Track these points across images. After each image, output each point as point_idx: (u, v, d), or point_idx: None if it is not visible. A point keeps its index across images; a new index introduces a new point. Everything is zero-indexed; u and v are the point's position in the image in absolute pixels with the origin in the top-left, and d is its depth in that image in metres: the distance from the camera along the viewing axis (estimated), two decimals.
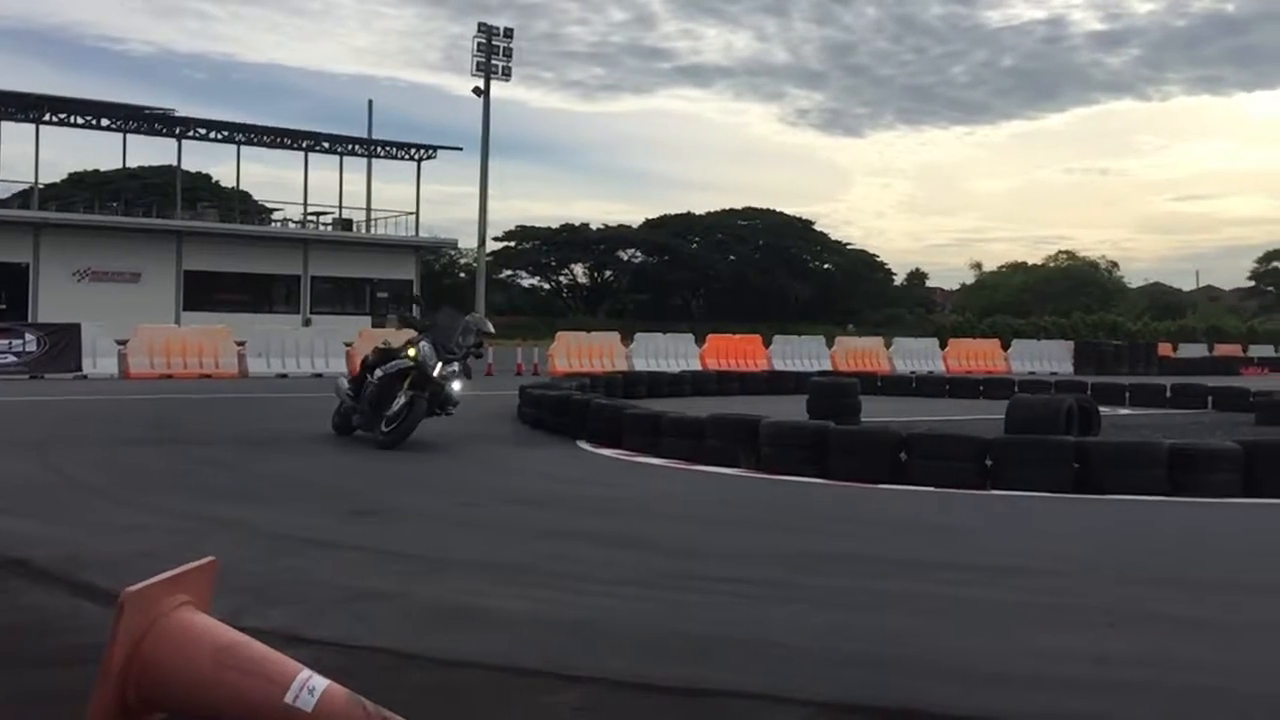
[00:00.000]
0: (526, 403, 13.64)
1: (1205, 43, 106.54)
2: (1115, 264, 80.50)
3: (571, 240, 74.12)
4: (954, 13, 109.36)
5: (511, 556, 5.71)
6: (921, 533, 6.83)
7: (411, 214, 49.32)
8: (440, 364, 10.35)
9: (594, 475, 9.09)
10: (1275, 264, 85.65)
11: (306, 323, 41.26)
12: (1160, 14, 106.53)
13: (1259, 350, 45.22)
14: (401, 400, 10.18)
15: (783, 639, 4.19)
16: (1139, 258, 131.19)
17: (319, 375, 22.35)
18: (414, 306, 14.54)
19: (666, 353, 27.26)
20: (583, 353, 25.97)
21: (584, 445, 10.94)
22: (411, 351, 10.37)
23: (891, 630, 4.38)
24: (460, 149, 51.78)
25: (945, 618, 4.64)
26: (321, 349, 23.85)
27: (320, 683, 2.69)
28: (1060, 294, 66.02)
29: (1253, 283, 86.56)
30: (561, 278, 77.90)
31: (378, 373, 10.46)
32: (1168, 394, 19.71)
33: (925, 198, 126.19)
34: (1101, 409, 12.70)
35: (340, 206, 49.23)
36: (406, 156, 50.64)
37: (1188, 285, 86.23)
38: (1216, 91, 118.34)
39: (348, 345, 24.02)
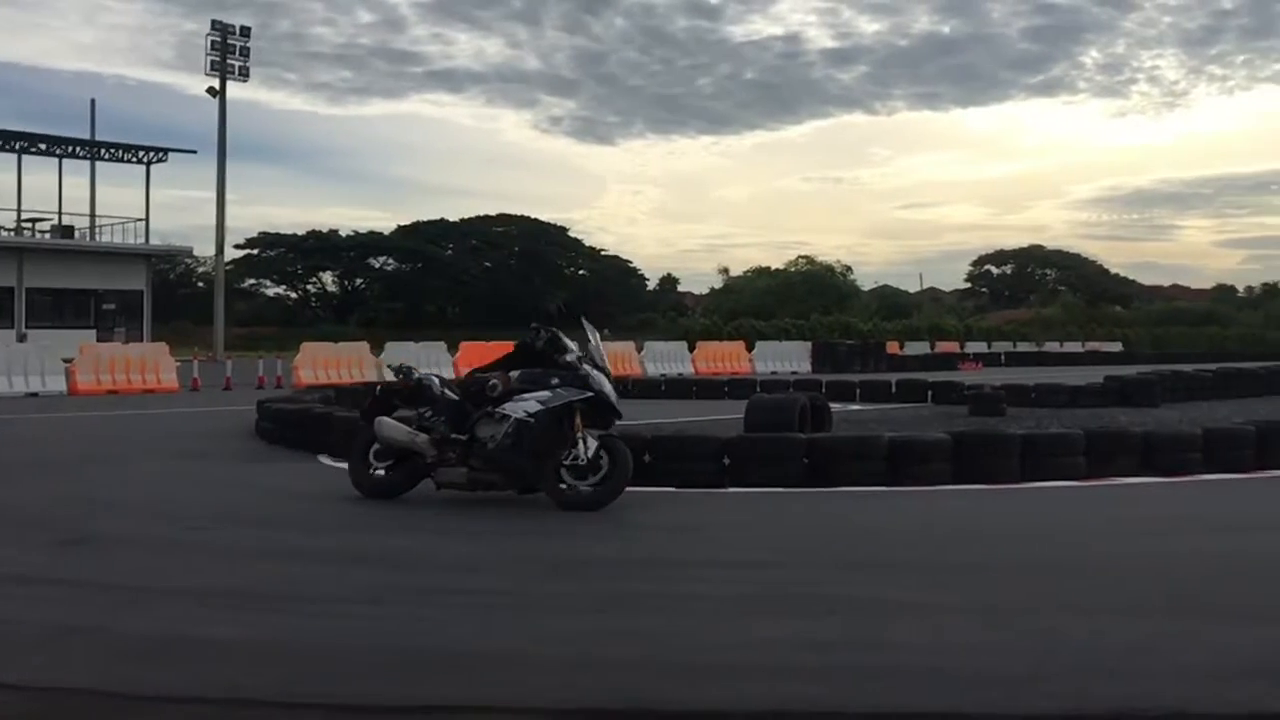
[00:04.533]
0: (265, 417, 13.04)
1: (925, 62, 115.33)
2: (849, 268, 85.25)
3: (319, 247, 71.69)
4: (699, 26, 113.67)
5: (236, 581, 5.41)
6: (659, 532, 6.97)
7: (141, 220, 46.31)
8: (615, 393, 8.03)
9: (331, 491, 8.76)
10: (988, 267, 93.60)
11: (21, 338, 37.89)
12: (885, 34, 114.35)
13: (974, 346, 49.16)
14: (592, 445, 7.52)
15: (515, 648, 4.17)
16: (870, 261, 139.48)
17: (34, 394, 20.62)
18: (556, 312, 10.14)
19: (419, 362, 26.31)
20: (330, 364, 25.10)
21: (325, 460, 10.55)
22: (588, 374, 7.79)
23: (624, 631, 4.44)
24: (194, 151, 49.21)
25: (676, 614, 4.75)
26: (38, 366, 21.94)
27: None
28: (800, 297, 69.31)
29: (969, 284, 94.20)
30: (310, 286, 75.26)
31: (534, 405, 7.59)
32: (893, 389, 21.07)
33: (675, 205, 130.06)
34: (834, 405, 13.43)
35: (60, 212, 45.64)
36: (135, 159, 47.44)
37: (913, 287, 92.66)
38: (935, 107, 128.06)
39: (67, 361, 22.25)
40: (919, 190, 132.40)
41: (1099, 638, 4.36)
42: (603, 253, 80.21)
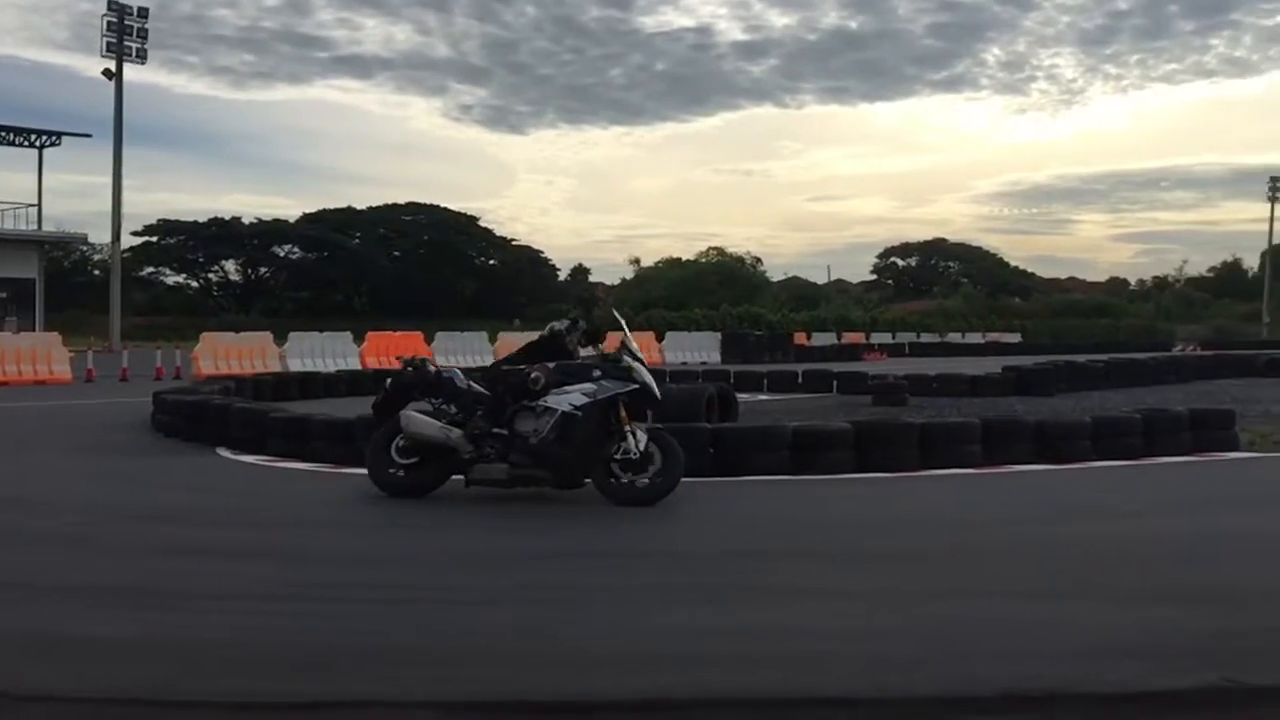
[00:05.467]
0: (162, 409, 12.68)
1: (833, 56, 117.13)
2: (759, 259, 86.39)
3: (221, 235, 69.83)
4: (610, 16, 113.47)
5: (125, 578, 5.27)
6: (563, 525, 6.94)
7: (34, 206, 44.51)
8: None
9: (230, 484, 8.59)
10: (894, 259, 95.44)
11: None
12: (794, 28, 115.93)
13: (879, 337, 50.16)
14: (642, 438, 7.35)
15: (406, 642, 4.13)
16: (780, 253, 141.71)
17: None
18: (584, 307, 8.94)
19: (324, 352, 26.28)
20: (231, 354, 24.50)
21: (224, 453, 10.31)
22: (631, 365, 7.57)
23: (515, 623, 4.42)
24: (89, 135, 47.55)
25: (568, 606, 4.75)
26: None
27: None
28: (711, 288, 69.89)
29: (875, 276, 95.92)
30: (211, 275, 73.30)
31: (579, 398, 7.35)
32: (800, 380, 21.35)
33: (587, 195, 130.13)
34: (742, 396, 13.56)
35: None
36: (26, 143, 45.59)
37: (821, 279, 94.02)
38: (844, 101, 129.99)
39: None
40: (827, 183, 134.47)
41: (987, 621, 4.48)
42: (513, 243, 79.71)
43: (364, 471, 8.14)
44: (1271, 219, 73.31)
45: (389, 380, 8.04)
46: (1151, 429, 10.23)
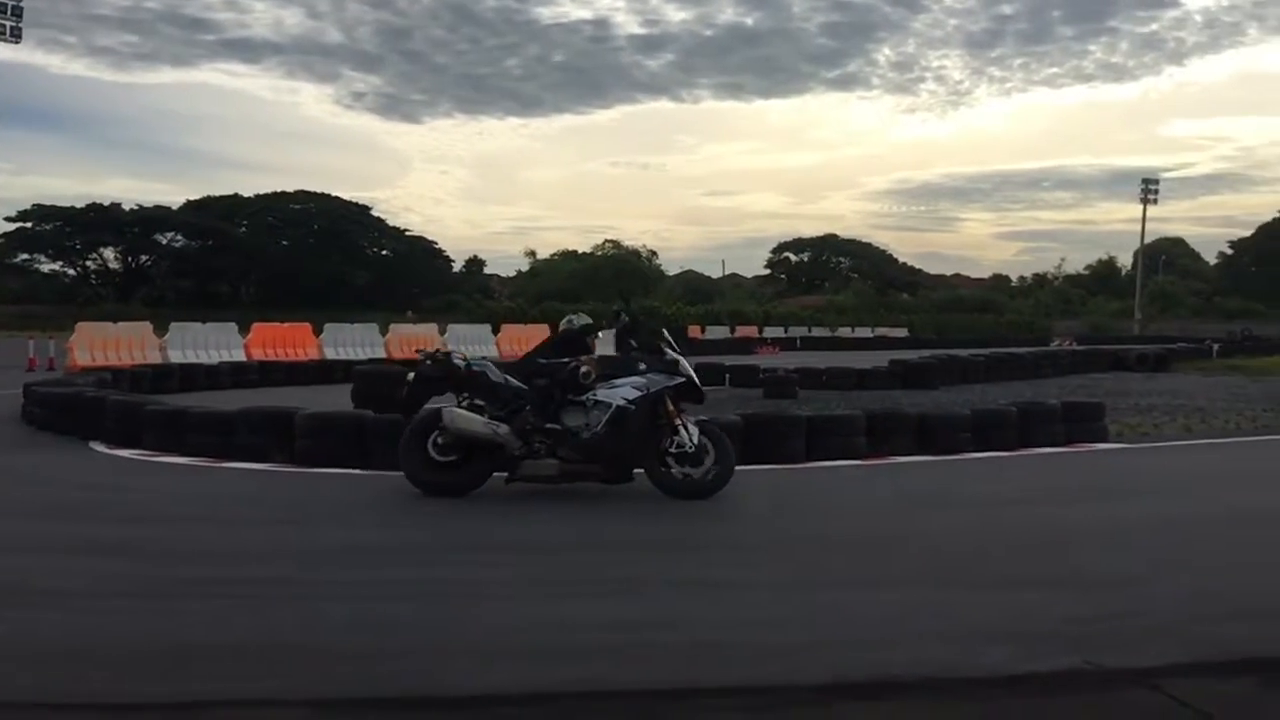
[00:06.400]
0: (32, 402, 12.17)
1: (729, 52, 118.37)
2: (655, 253, 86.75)
3: (100, 221, 67.28)
4: (507, 6, 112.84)
5: None
6: (439, 517, 6.84)
7: None
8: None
9: (103, 479, 8.28)
10: (787, 254, 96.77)
11: None
12: (691, 23, 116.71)
13: (772, 331, 50.85)
14: (694, 431, 7.43)
15: (287, 639, 4.05)
16: (676, 247, 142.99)
17: None
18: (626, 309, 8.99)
19: (207, 343, 25.47)
20: (108, 345, 23.56)
21: (98, 447, 9.94)
22: (677, 359, 7.67)
23: (406, 618, 4.36)
24: None
25: (463, 599, 4.71)
26: None
27: None
28: (606, 281, 69.95)
29: (769, 271, 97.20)
30: (89, 262, 70.50)
31: (630, 391, 7.38)
32: None
33: (483, 186, 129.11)
34: None
35: None
36: None
37: (716, 273, 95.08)
38: (739, 97, 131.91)
39: None
40: (723, 178, 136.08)
41: (868, 609, 4.61)
42: (407, 233, 78.64)
43: (245, 466, 7.99)
44: (1144, 220, 76.68)
45: (411, 375, 7.77)
46: (1027, 421, 10.60)
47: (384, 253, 76.42)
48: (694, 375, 7.66)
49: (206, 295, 64.81)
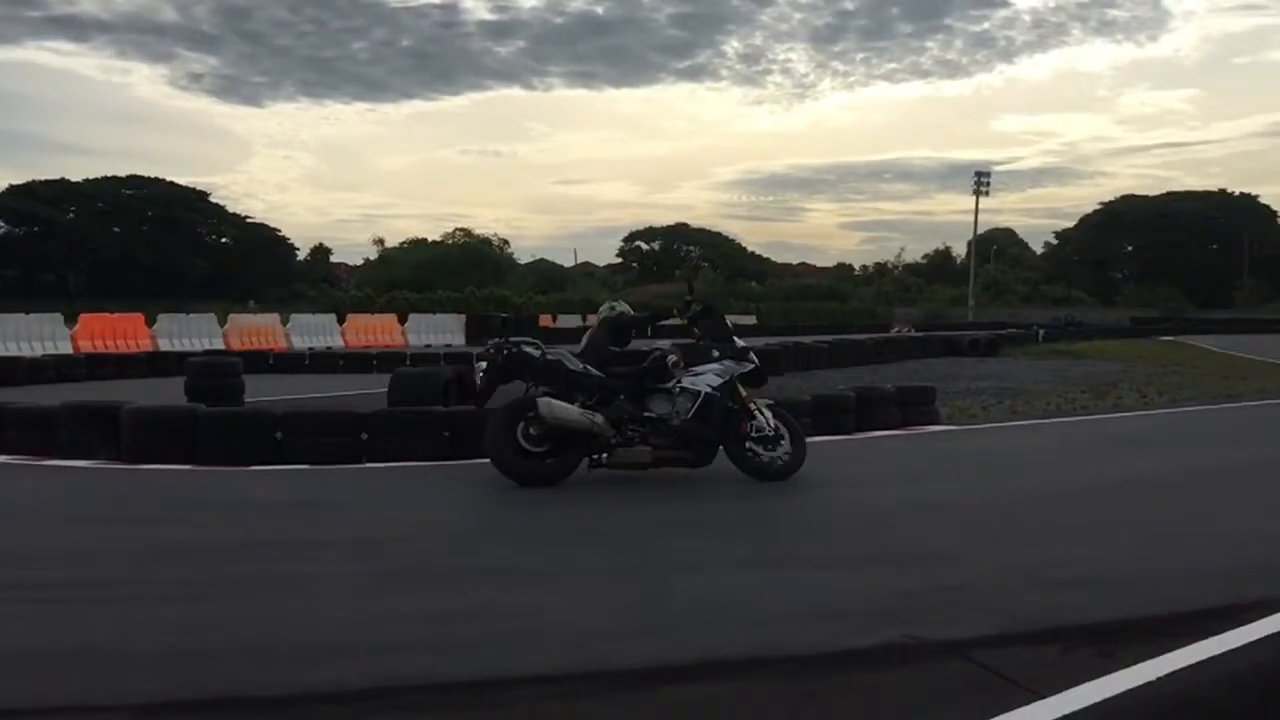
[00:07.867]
0: None
1: (580, 41, 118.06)
2: (506, 241, 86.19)
3: None
4: None
5: None
6: (283, 512, 6.73)
7: None
8: None
9: None
10: (638, 243, 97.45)
11: None
12: (542, 10, 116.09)
13: None
14: (769, 415, 7.79)
15: (103, 643, 3.88)
16: (528, 235, 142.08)
17: None
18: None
19: (29, 335, 24.16)
20: None
21: None
22: (746, 347, 8.09)
23: (233, 617, 4.24)
24: None
25: (293, 596, 4.61)
26: None
27: None
28: (457, 269, 69.09)
29: (620, 259, 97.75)
30: None
31: (713, 379, 7.71)
32: None
33: (329, 172, 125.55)
34: None
35: None
36: None
37: (568, 262, 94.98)
38: (590, 86, 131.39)
39: None
40: (575, 167, 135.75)
41: (698, 591, 4.70)
42: (248, 220, 76.04)
43: (67, 463, 7.61)
44: (976, 211, 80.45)
45: (483, 365, 7.83)
46: (864, 405, 10.96)
47: (224, 240, 73.77)
48: (758, 362, 7.98)
49: (32, 285, 61.35)
